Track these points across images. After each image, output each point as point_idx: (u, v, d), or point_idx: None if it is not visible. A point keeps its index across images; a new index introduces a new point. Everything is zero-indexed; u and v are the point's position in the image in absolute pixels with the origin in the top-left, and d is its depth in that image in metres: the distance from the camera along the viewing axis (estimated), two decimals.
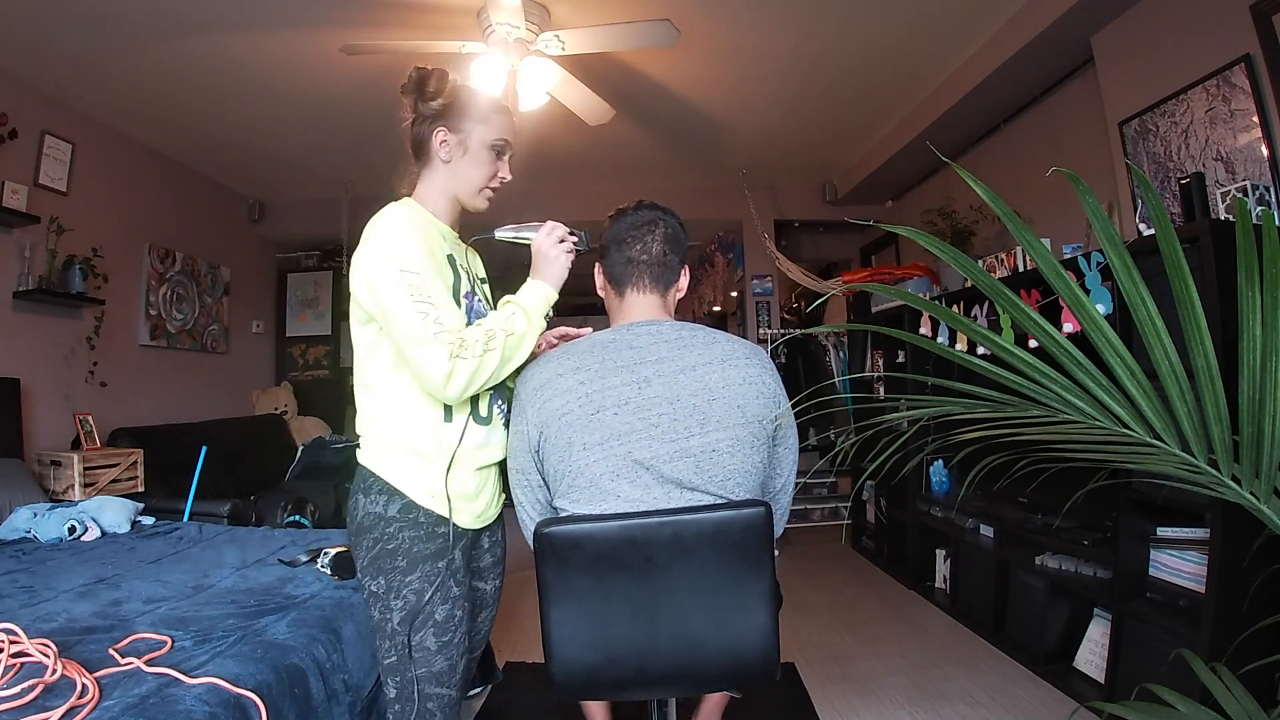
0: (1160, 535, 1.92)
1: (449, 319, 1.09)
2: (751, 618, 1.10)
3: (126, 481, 3.11)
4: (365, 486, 1.17)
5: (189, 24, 2.68)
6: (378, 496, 1.16)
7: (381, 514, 1.15)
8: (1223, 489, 0.82)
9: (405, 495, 1.15)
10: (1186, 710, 0.95)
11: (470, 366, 1.07)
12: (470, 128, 1.24)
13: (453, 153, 1.24)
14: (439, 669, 1.15)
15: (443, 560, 1.15)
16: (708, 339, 1.19)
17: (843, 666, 2.42)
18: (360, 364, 1.20)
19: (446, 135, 1.23)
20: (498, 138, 1.25)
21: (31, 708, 1.04)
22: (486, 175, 1.26)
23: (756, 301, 5.08)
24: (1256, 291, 0.73)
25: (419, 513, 1.15)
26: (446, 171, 1.25)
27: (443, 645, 1.15)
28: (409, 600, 1.13)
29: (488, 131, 1.25)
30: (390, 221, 1.14)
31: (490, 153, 1.25)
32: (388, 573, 1.14)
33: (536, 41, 2.61)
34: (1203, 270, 1.68)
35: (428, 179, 1.27)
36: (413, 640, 1.13)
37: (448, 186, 1.26)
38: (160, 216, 4.01)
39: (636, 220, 1.25)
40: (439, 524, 1.16)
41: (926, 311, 3.00)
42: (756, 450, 1.16)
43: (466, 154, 1.24)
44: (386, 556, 1.14)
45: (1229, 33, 2.11)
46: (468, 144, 1.24)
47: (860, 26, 2.86)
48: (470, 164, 1.25)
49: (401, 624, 1.13)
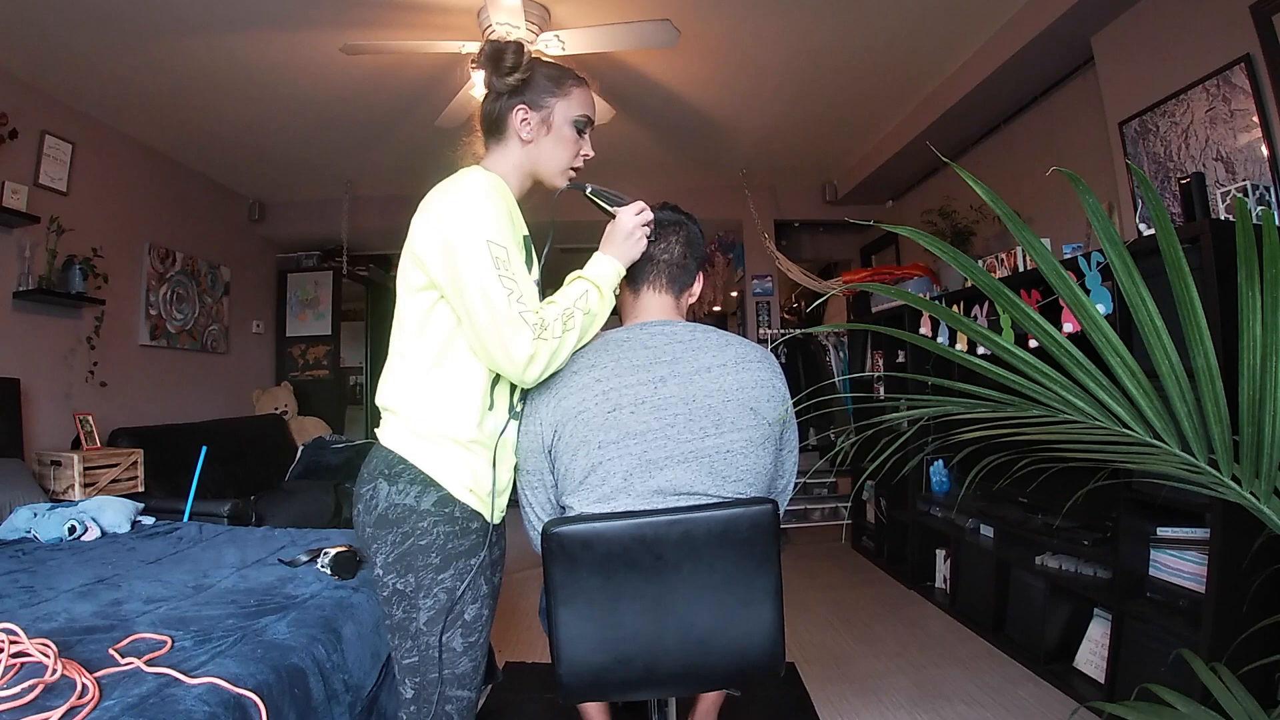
0: (1160, 535, 1.92)
1: (531, 298, 1.05)
2: (759, 614, 1.11)
3: (126, 481, 3.11)
4: (392, 473, 1.08)
5: (189, 24, 2.68)
6: (408, 486, 1.07)
7: (414, 506, 1.06)
8: (1223, 489, 0.82)
9: (442, 487, 1.07)
10: (1186, 710, 0.95)
11: (551, 348, 1.04)
12: (552, 104, 1.18)
13: (535, 131, 1.18)
14: (462, 670, 1.10)
15: (476, 557, 1.09)
16: (721, 341, 1.20)
17: (843, 666, 2.42)
18: (404, 336, 1.11)
19: (528, 113, 1.17)
20: (580, 114, 1.20)
21: (31, 708, 1.04)
22: (571, 154, 1.21)
23: (756, 301, 5.08)
24: (1256, 291, 0.73)
25: (455, 507, 1.08)
26: (526, 150, 1.19)
27: (469, 646, 1.10)
28: (439, 599, 1.07)
29: (570, 107, 1.19)
30: (478, 186, 1.07)
31: (573, 129, 1.20)
32: (419, 570, 1.06)
33: (536, 41, 2.61)
34: (1203, 270, 1.68)
35: (500, 154, 1.20)
36: (438, 641, 1.07)
37: (525, 164, 1.20)
38: (160, 216, 4.01)
39: (661, 220, 1.27)
40: (472, 519, 1.10)
41: (926, 311, 3.00)
42: (768, 452, 1.18)
43: (550, 132, 1.18)
44: (419, 553, 1.06)
45: (1229, 33, 2.11)
46: (551, 121, 1.18)
47: (860, 26, 2.87)
48: (553, 143, 1.19)
49: (429, 624, 1.07)
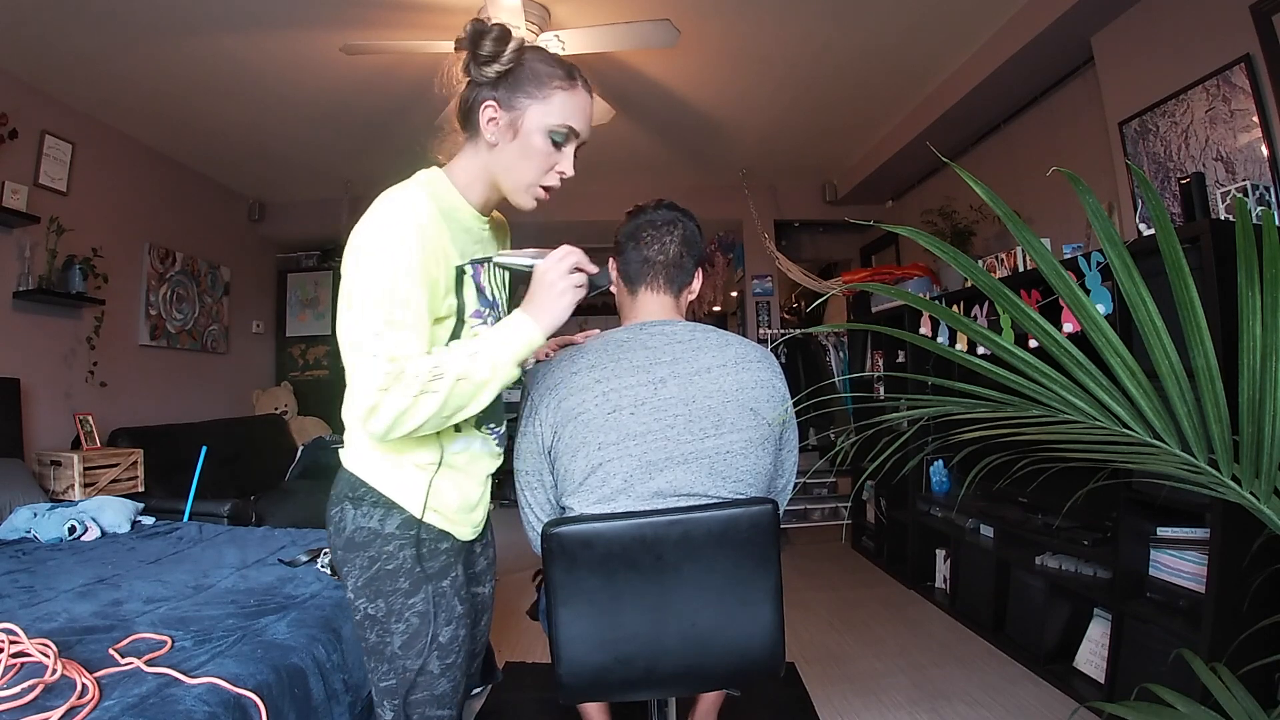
0: (1160, 535, 1.92)
1: (403, 341, 0.89)
2: (759, 614, 1.11)
3: (126, 481, 3.11)
4: (355, 496, 1.03)
5: (189, 24, 2.68)
6: (372, 509, 1.01)
7: (379, 530, 1.01)
8: (1223, 489, 0.82)
9: (405, 510, 1.01)
10: (1186, 710, 0.95)
11: (398, 406, 0.88)
12: (526, 105, 0.99)
13: (500, 135, 1.00)
14: (441, 691, 1.05)
15: (447, 579, 1.04)
16: (720, 341, 1.19)
17: (843, 666, 2.42)
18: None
19: (496, 112, 1.00)
20: (559, 123, 1.00)
21: (31, 708, 1.04)
22: (538, 168, 1.02)
23: (756, 301, 5.08)
24: (1256, 291, 0.73)
25: (421, 528, 1.02)
26: (491, 155, 1.02)
27: (446, 668, 1.05)
28: (412, 624, 1.01)
29: (547, 112, 0.99)
30: (394, 208, 0.95)
31: (546, 140, 1.00)
32: (388, 595, 1.01)
33: (536, 41, 2.61)
34: (1203, 270, 1.68)
35: (469, 153, 1.05)
36: (414, 664, 1.02)
37: (489, 170, 1.04)
38: (160, 216, 4.01)
39: (656, 219, 1.24)
40: (441, 539, 1.04)
41: (926, 311, 3.00)
42: (768, 452, 1.18)
43: (516, 138, 1.00)
44: (387, 578, 1.01)
45: (1229, 33, 2.11)
46: (519, 126, 0.99)
47: (860, 26, 2.86)
48: (518, 152, 1.01)
49: (404, 648, 1.02)
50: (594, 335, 1.23)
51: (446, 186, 1.03)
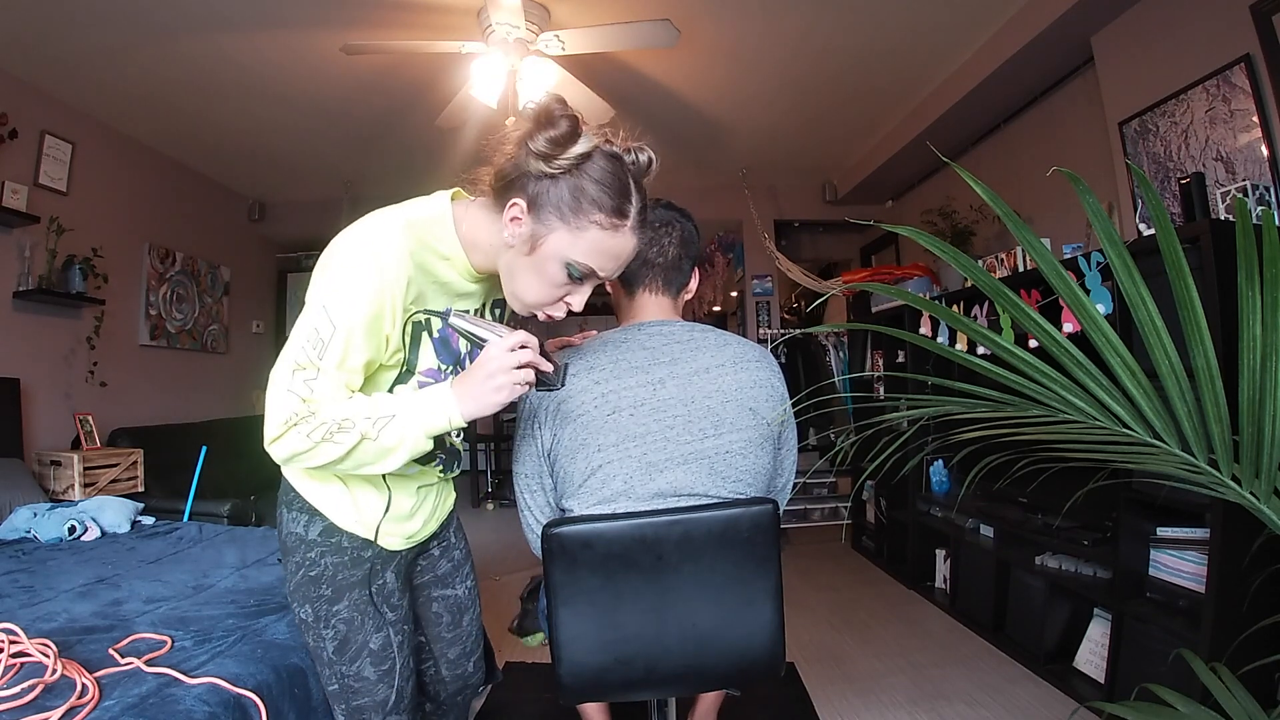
0: (1160, 535, 1.92)
1: (322, 388, 0.86)
2: (759, 614, 1.11)
3: (126, 481, 3.11)
4: (287, 500, 1.05)
5: (189, 24, 2.68)
6: (298, 515, 1.03)
7: (303, 536, 1.02)
8: (1223, 489, 0.82)
9: (326, 517, 1.02)
10: (1186, 710, 0.95)
11: (297, 446, 0.86)
12: (555, 225, 0.88)
13: (517, 240, 0.90)
14: (383, 697, 1.06)
15: (371, 587, 1.04)
16: (719, 341, 1.19)
17: (843, 666, 2.42)
18: None
19: (522, 215, 0.89)
20: (582, 261, 0.89)
21: (31, 708, 1.04)
22: (544, 293, 0.92)
23: (756, 301, 5.08)
24: (1256, 291, 0.73)
25: (342, 536, 1.02)
26: (505, 249, 0.93)
27: (383, 675, 1.05)
28: (339, 630, 1.02)
29: (573, 244, 0.88)
30: (364, 251, 0.87)
31: (562, 270, 0.90)
32: (314, 601, 1.02)
33: (536, 41, 2.61)
34: (1203, 270, 1.68)
35: (489, 218, 0.94)
36: (350, 670, 1.04)
37: (497, 256, 0.94)
38: (160, 216, 4.01)
39: (654, 220, 1.23)
40: (364, 548, 1.03)
41: (926, 311, 3.00)
42: (767, 452, 1.18)
43: (532, 255, 0.90)
44: (311, 584, 1.02)
45: (1229, 33, 2.11)
46: (540, 245, 0.89)
47: (860, 26, 2.86)
48: (530, 269, 0.91)
49: (336, 653, 1.03)
50: (592, 336, 1.23)
51: (448, 231, 0.94)
